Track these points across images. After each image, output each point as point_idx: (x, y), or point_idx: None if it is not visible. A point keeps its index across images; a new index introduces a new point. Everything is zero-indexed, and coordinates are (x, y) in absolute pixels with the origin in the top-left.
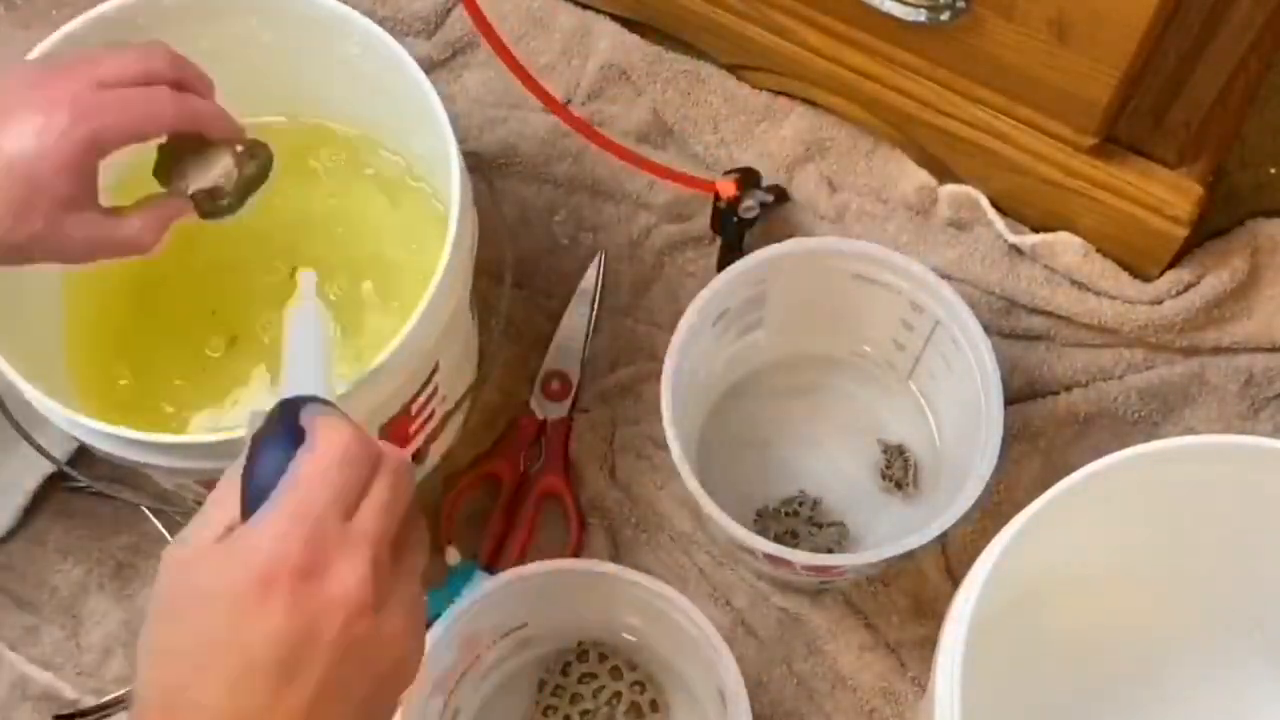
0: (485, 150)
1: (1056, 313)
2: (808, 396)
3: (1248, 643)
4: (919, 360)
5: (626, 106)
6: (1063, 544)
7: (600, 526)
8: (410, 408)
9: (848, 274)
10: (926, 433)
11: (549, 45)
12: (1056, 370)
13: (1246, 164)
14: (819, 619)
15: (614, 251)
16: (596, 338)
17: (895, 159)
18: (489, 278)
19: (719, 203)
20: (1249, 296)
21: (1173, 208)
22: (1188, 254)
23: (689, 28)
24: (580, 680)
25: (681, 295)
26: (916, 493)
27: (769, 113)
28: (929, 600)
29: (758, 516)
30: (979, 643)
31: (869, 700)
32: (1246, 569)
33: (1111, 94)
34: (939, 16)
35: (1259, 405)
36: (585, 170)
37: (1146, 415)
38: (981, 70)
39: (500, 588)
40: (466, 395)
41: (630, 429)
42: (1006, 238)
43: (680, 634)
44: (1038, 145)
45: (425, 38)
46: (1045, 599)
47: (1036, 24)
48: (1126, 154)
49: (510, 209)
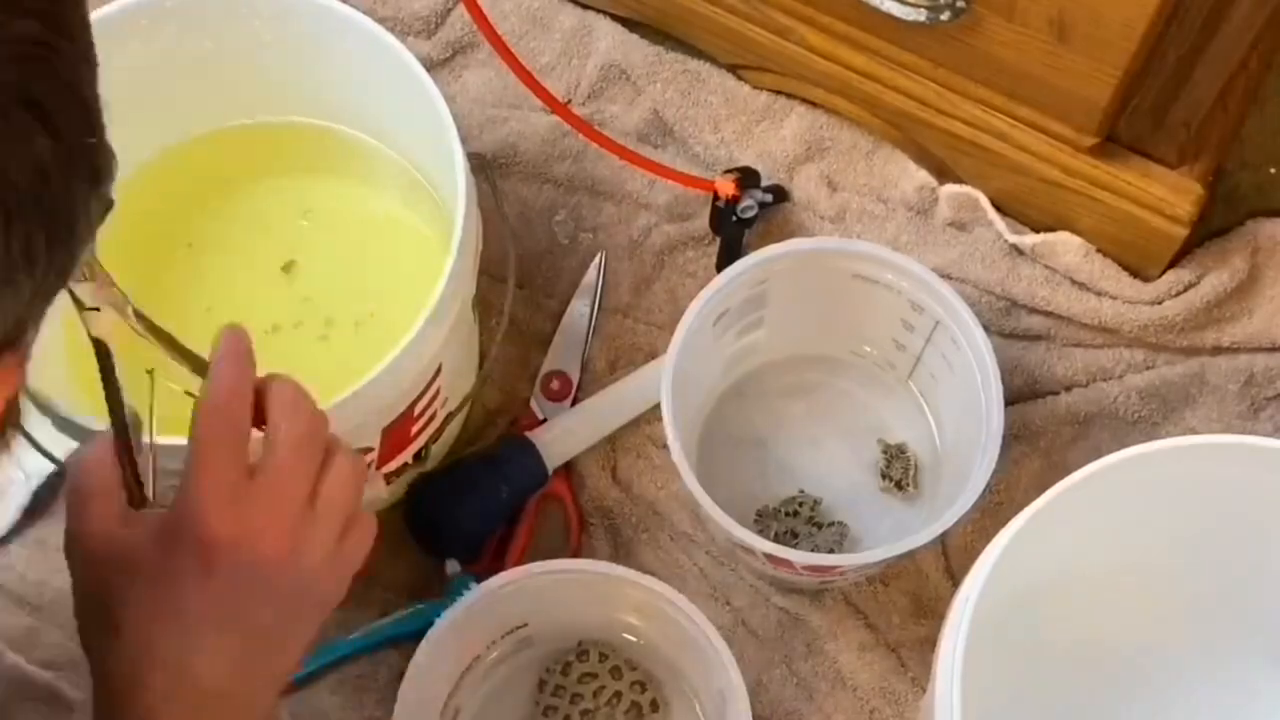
0: (486, 150)
1: (1056, 313)
2: (808, 396)
3: (1248, 643)
4: (919, 360)
5: (626, 106)
6: (1063, 544)
7: (600, 526)
8: (413, 409)
9: (848, 274)
10: (926, 433)
11: (549, 45)
12: (1056, 370)
13: (1246, 164)
14: (819, 619)
15: (614, 251)
16: (596, 338)
17: (895, 159)
18: (489, 277)
19: (718, 202)
20: (1249, 296)
21: (1173, 208)
22: (1188, 254)
23: (689, 28)
24: (580, 680)
25: (681, 295)
26: (916, 493)
27: (769, 113)
28: (929, 600)
29: (758, 516)
30: (979, 643)
31: (869, 700)
32: (1247, 569)
33: (1111, 94)
34: (939, 16)
35: (1259, 405)
36: (585, 170)
37: (1146, 415)
38: (981, 70)
39: (500, 588)
40: (468, 396)
41: (630, 429)
42: (1006, 238)
43: (680, 634)
44: (1038, 145)
45: (425, 38)
46: (1045, 599)
47: (1036, 24)
48: (1126, 154)
49: (510, 209)
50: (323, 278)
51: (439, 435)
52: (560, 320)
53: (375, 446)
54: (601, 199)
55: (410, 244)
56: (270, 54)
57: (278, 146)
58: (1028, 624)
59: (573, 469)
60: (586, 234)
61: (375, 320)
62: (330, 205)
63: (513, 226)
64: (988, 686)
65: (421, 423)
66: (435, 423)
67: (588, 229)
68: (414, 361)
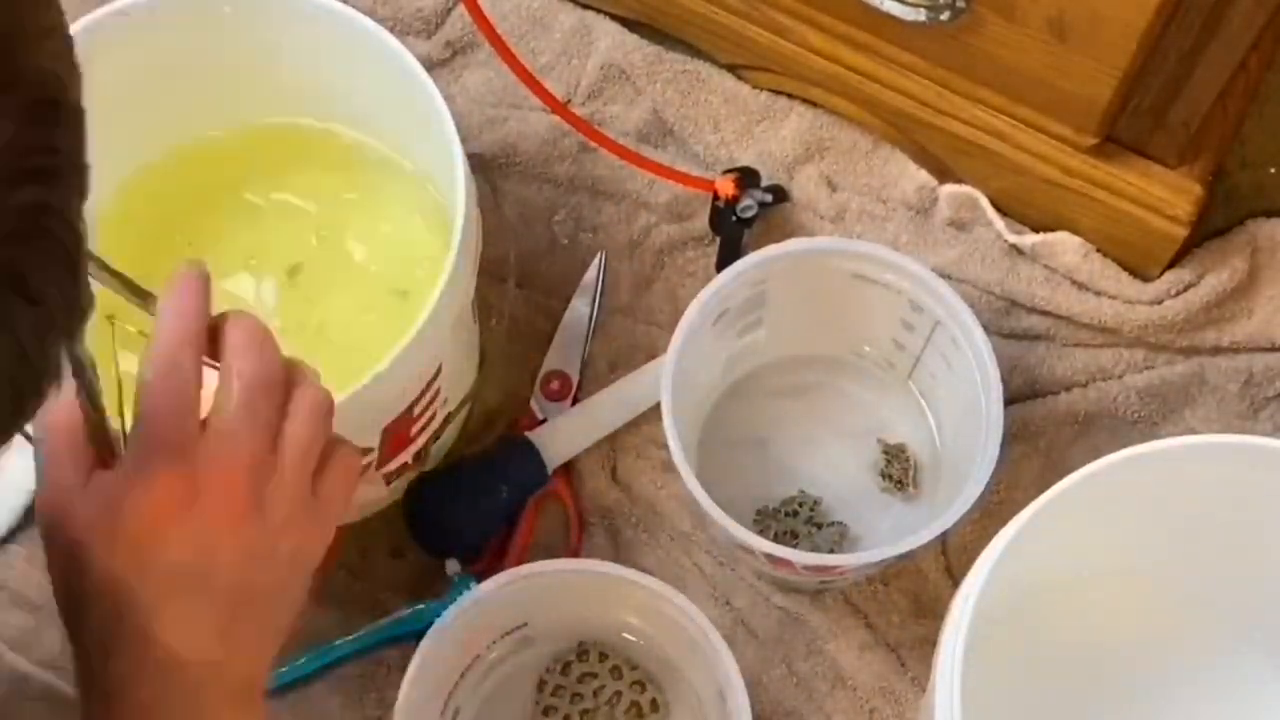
0: (485, 150)
1: (1056, 313)
2: (808, 396)
3: (1247, 642)
4: (919, 360)
5: (626, 106)
6: (1063, 544)
7: (600, 526)
8: (413, 409)
9: (848, 274)
10: (926, 433)
11: (549, 45)
12: (1056, 370)
13: (1246, 164)
14: (819, 619)
15: (614, 251)
16: (596, 338)
17: (895, 159)
18: (490, 278)
19: (718, 202)
20: (1249, 296)
21: (1173, 208)
22: (1188, 254)
23: (689, 27)
24: (580, 680)
25: (681, 295)
26: (916, 493)
27: (769, 113)
28: (929, 600)
29: (758, 516)
30: (979, 643)
31: (869, 700)
32: (1246, 569)
33: (1111, 94)
34: (939, 16)
35: (1259, 405)
36: (585, 170)
37: (1146, 415)
38: (981, 70)
39: (500, 588)
40: (468, 397)
41: (630, 429)
42: (1006, 238)
43: (680, 634)
44: (1038, 145)
45: (425, 38)
46: (1045, 599)
47: (1036, 24)
48: (1126, 154)
49: (510, 209)
50: (322, 278)
51: (439, 435)
52: (560, 320)
53: (375, 446)
54: (601, 199)
55: (409, 244)
56: (270, 54)
57: (278, 147)
58: (1028, 624)
59: (573, 469)
60: (586, 234)
61: (375, 320)
62: (330, 205)
63: (513, 226)
64: (988, 686)
65: (421, 423)
66: (435, 423)
67: (588, 229)
68: (414, 361)
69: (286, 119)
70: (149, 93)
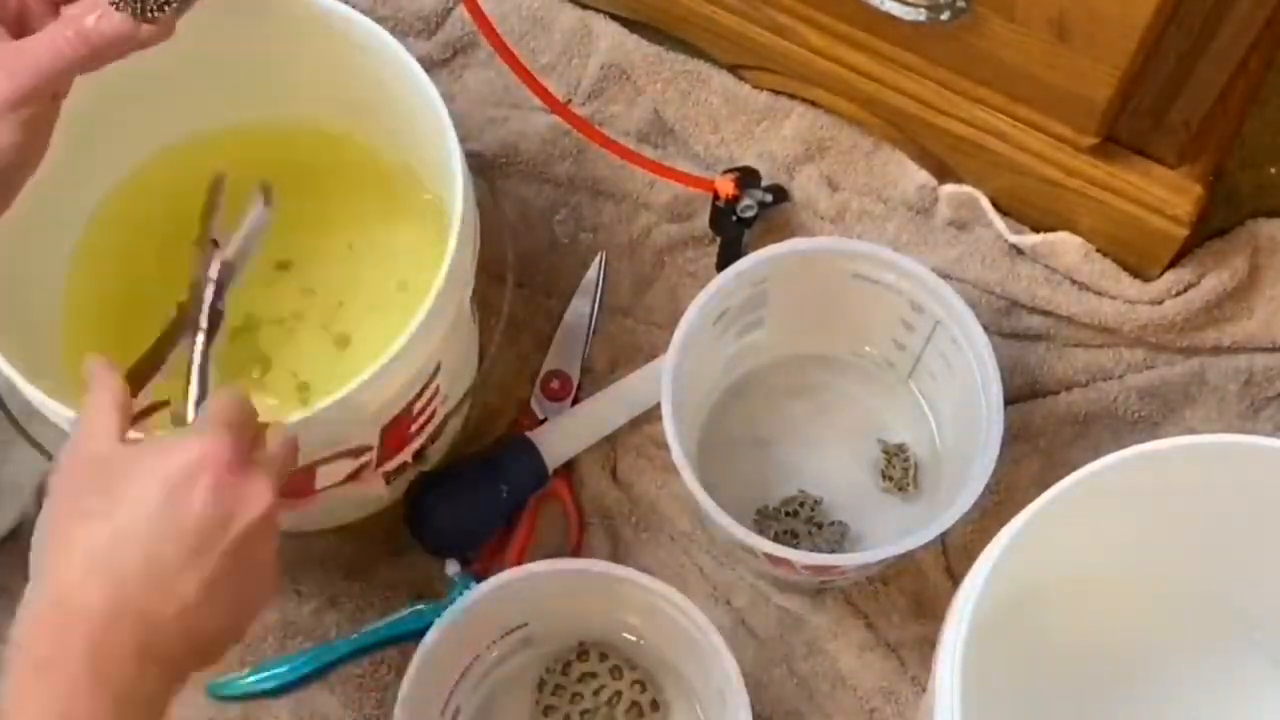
0: (486, 150)
1: (1056, 313)
2: (808, 396)
3: (1247, 642)
4: (919, 360)
5: (627, 106)
6: (1063, 544)
7: (600, 526)
8: (412, 408)
9: (848, 274)
10: (926, 433)
11: (549, 45)
12: (1056, 370)
13: (1246, 164)
14: (819, 619)
15: (614, 251)
16: (596, 338)
17: (895, 159)
18: (489, 277)
19: (718, 201)
20: (1249, 296)
21: (1173, 208)
22: (1188, 254)
23: (689, 28)
24: (580, 680)
25: (681, 295)
26: (916, 493)
27: (769, 113)
28: (929, 600)
29: (758, 516)
30: (979, 643)
31: (869, 700)
32: (1246, 569)
33: (1111, 94)
34: (939, 16)
35: (1259, 405)
36: (585, 170)
37: (1146, 415)
38: (981, 70)
39: (500, 587)
40: (467, 395)
41: (630, 429)
42: (1006, 238)
43: (680, 634)
44: (1038, 145)
45: (425, 38)
46: (1045, 599)
47: (1036, 24)
48: (1126, 154)
49: (510, 208)
50: (321, 275)
51: (438, 435)
52: (560, 320)
53: (374, 445)
54: (601, 199)
55: (409, 242)
56: (269, 54)
57: (277, 146)
58: (1028, 624)
59: (573, 469)
60: (586, 234)
61: (374, 319)
62: (330, 204)
63: (513, 226)
64: (987, 686)
65: (420, 421)
66: (434, 422)
67: (588, 229)
68: (412, 360)
69: (286, 118)
70: (146, 92)
